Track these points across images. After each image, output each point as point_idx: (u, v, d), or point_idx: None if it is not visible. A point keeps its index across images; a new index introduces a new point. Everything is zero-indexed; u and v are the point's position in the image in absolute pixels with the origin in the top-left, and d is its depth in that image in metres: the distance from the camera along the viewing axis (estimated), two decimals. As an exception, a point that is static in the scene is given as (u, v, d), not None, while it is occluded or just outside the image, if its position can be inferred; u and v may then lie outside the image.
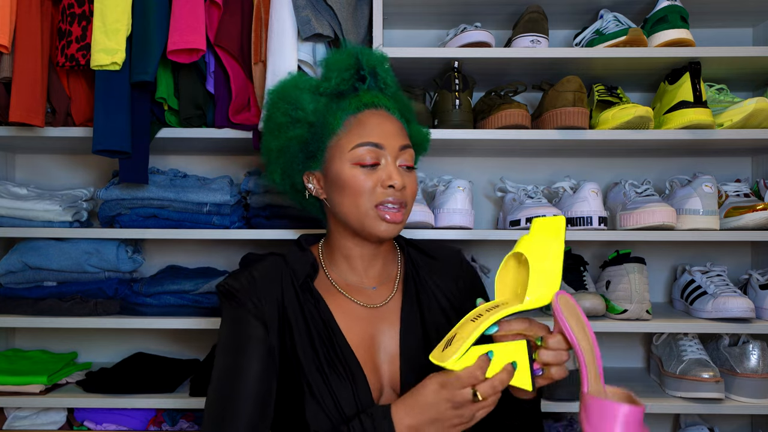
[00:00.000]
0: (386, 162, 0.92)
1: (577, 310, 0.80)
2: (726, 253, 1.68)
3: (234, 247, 1.66)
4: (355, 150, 0.92)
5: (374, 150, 0.92)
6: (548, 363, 0.79)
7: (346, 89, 0.96)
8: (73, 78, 1.39)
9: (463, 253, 1.11)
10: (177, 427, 1.48)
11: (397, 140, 0.94)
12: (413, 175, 0.97)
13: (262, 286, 0.93)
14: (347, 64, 0.96)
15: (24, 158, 1.69)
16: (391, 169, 0.92)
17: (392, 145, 0.93)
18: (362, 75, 0.96)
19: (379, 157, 0.92)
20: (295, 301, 0.94)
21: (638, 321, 1.39)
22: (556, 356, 0.78)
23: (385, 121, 0.95)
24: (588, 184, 1.43)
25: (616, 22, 1.42)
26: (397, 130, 0.95)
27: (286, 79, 1.03)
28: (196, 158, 1.68)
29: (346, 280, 1.00)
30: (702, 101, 1.35)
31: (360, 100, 0.95)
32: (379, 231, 0.92)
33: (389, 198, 0.92)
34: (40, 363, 1.52)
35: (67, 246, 1.43)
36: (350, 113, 0.95)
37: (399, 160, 0.94)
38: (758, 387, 1.37)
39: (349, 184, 0.92)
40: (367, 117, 0.94)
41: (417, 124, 1.08)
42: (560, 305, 0.78)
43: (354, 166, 0.92)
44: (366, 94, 0.96)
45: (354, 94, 0.96)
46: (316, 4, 1.32)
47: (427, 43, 1.69)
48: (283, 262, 0.98)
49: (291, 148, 0.99)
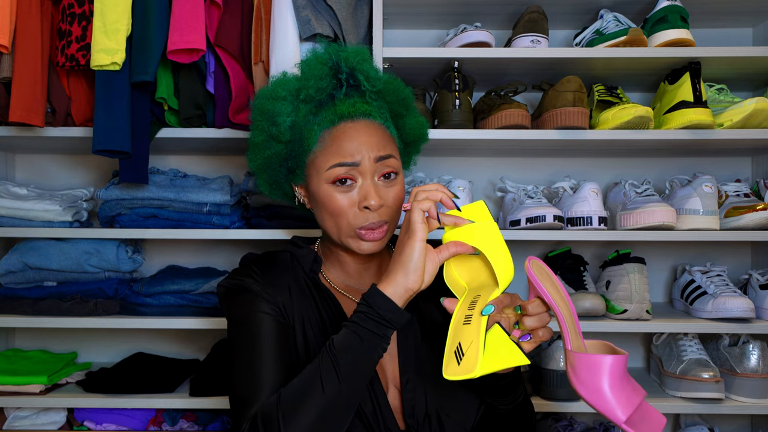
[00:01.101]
0: (362, 180, 0.89)
1: (548, 272, 0.84)
2: (726, 253, 1.68)
3: (234, 247, 1.66)
4: (331, 170, 0.89)
5: (350, 169, 0.89)
6: (534, 327, 0.81)
7: (323, 98, 0.93)
8: (73, 78, 1.39)
9: None
10: (177, 427, 1.48)
11: (374, 151, 0.89)
12: (396, 182, 0.92)
13: (270, 278, 0.93)
14: (322, 72, 0.92)
15: (24, 158, 1.69)
16: (367, 188, 0.89)
17: (369, 159, 0.89)
18: (340, 79, 0.92)
19: (355, 175, 0.89)
20: (307, 292, 0.95)
21: (638, 321, 1.39)
22: (539, 320, 0.81)
23: (361, 133, 0.90)
24: (588, 184, 1.43)
25: (616, 22, 1.42)
26: (375, 140, 0.90)
27: (265, 89, 0.98)
28: (196, 158, 1.68)
29: (344, 282, 1.00)
30: (702, 101, 1.35)
31: (335, 112, 0.91)
32: (360, 250, 0.91)
33: (367, 222, 0.89)
34: (40, 363, 1.52)
35: (67, 246, 1.43)
36: (325, 128, 0.91)
37: (377, 172, 0.90)
38: (758, 387, 1.36)
39: (326, 204, 0.91)
40: (341, 132, 0.90)
41: (415, 116, 1.04)
42: (533, 270, 0.81)
43: (330, 185, 0.90)
44: (343, 103, 0.92)
45: (331, 103, 0.92)
46: (316, 4, 1.33)
47: (427, 43, 1.69)
48: (289, 256, 0.99)
49: (272, 164, 0.98)
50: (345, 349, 0.79)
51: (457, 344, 0.77)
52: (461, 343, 0.77)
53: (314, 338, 0.92)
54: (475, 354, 0.74)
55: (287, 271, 0.96)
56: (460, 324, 0.79)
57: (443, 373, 0.76)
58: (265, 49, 1.33)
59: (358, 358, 0.80)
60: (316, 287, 0.96)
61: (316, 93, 0.92)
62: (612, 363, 0.74)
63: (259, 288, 0.91)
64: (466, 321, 0.79)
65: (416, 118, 1.04)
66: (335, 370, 0.78)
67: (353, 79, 0.93)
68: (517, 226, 1.41)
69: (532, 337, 0.82)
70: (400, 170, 0.94)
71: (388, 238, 0.93)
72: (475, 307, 0.80)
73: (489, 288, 0.82)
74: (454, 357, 0.77)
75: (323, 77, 0.92)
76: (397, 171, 0.93)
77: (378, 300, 0.80)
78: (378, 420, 0.88)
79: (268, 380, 0.84)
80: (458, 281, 0.87)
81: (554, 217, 1.37)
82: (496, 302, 0.79)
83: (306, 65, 0.95)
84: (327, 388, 0.78)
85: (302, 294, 0.95)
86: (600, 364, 0.75)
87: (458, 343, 0.77)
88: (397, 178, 0.93)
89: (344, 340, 0.80)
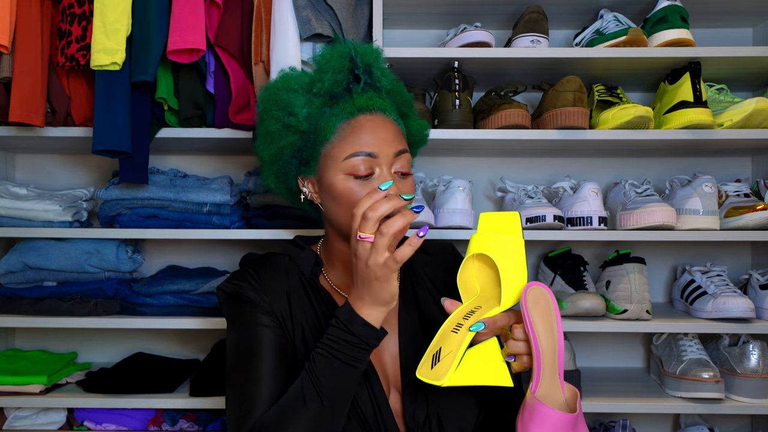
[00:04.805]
0: (380, 172, 0.88)
1: (547, 305, 0.79)
2: (726, 253, 1.68)
3: (234, 247, 1.67)
4: (348, 160, 0.88)
5: (368, 160, 0.88)
6: (517, 353, 0.79)
7: (339, 91, 0.92)
8: (73, 78, 1.39)
9: (454, 247, 1.12)
10: (177, 427, 1.48)
11: (392, 146, 0.89)
12: (410, 181, 0.93)
13: (268, 283, 0.93)
14: (340, 64, 0.91)
15: (24, 158, 1.69)
16: (385, 177, 0.88)
17: (387, 153, 0.88)
18: (357, 74, 0.92)
19: (373, 166, 0.88)
20: (305, 298, 0.94)
21: (638, 321, 1.39)
22: (523, 346, 0.79)
23: (380, 126, 0.90)
24: (588, 184, 1.43)
25: (616, 22, 1.42)
26: (392, 135, 0.90)
27: (276, 80, 0.98)
28: (196, 158, 1.68)
29: (345, 283, 0.99)
30: (702, 101, 1.35)
31: (354, 104, 0.90)
32: None
33: None
34: (40, 363, 1.52)
35: (67, 246, 1.43)
36: (343, 119, 0.90)
37: (394, 167, 0.90)
38: (758, 387, 1.37)
39: (342, 196, 0.89)
40: (360, 123, 0.89)
41: (416, 118, 1.04)
42: (528, 299, 0.77)
43: (347, 176, 0.88)
44: (360, 96, 0.91)
45: (348, 96, 0.92)
46: (316, 4, 1.33)
47: (427, 43, 1.69)
48: (288, 259, 0.98)
49: (284, 155, 0.96)
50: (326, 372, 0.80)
51: (438, 348, 0.77)
52: (442, 348, 0.76)
53: (313, 343, 0.91)
54: (448, 365, 0.73)
55: (286, 276, 0.95)
56: (449, 329, 0.78)
57: (416, 371, 0.76)
58: (266, 49, 1.33)
59: (340, 379, 0.80)
60: (315, 290, 0.96)
61: (332, 86, 0.91)
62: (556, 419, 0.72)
63: (257, 296, 0.91)
64: (455, 329, 0.77)
65: (418, 121, 1.05)
66: (317, 391, 0.80)
67: (369, 76, 0.93)
68: (517, 226, 1.41)
69: (516, 360, 0.79)
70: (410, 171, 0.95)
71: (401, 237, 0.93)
72: (470, 318, 0.78)
73: (494, 303, 0.80)
74: (430, 359, 0.76)
75: (341, 70, 0.91)
76: (409, 171, 0.93)
77: (359, 328, 0.80)
78: (378, 424, 0.87)
79: (264, 397, 0.84)
80: (473, 283, 0.85)
81: (554, 217, 1.37)
82: (490, 321, 0.77)
83: (323, 58, 0.94)
84: (311, 407, 0.79)
85: (301, 299, 0.94)
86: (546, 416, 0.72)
87: (439, 348, 0.77)
88: (410, 176, 0.93)
89: (325, 364, 0.80)
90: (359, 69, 0.91)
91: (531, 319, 0.76)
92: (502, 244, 0.79)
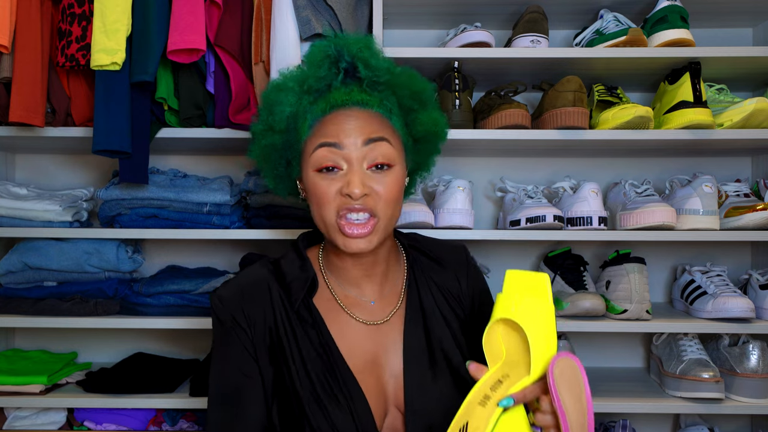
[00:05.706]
0: (348, 166, 0.83)
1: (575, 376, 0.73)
2: (726, 253, 1.68)
3: (234, 247, 1.67)
4: (314, 153, 0.84)
5: (332, 150, 0.83)
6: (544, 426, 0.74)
7: (321, 87, 0.89)
8: (73, 78, 1.39)
9: (467, 250, 1.06)
10: (177, 427, 1.48)
11: (361, 135, 0.83)
12: (390, 174, 0.85)
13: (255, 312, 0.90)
14: (320, 59, 0.88)
15: (24, 158, 1.69)
16: (352, 175, 0.82)
17: (353, 143, 0.83)
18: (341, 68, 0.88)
19: (338, 159, 0.83)
20: (287, 325, 0.89)
21: (638, 321, 1.39)
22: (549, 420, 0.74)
23: (351, 118, 0.85)
24: (588, 184, 1.43)
25: (616, 22, 1.42)
26: (362, 123, 0.84)
27: (276, 79, 0.95)
28: (196, 158, 1.68)
29: (346, 292, 0.94)
30: (702, 101, 1.35)
31: (328, 102, 0.87)
32: (345, 247, 0.84)
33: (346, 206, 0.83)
34: (40, 363, 1.52)
35: (67, 246, 1.43)
36: (316, 117, 0.87)
37: (367, 160, 0.84)
38: (758, 387, 1.37)
39: (312, 192, 0.86)
40: (331, 118, 0.86)
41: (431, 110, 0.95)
42: (555, 371, 0.72)
43: (315, 172, 0.85)
44: (337, 92, 0.88)
45: (327, 92, 0.89)
46: (317, 4, 1.33)
47: (427, 43, 1.69)
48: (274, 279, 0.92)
49: (271, 155, 0.95)
50: None
51: (464, 422, 0.73)
52: (469, 422, 0.73)
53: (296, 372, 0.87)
54: None
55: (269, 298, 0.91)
56: (476, 402, 0.74)
57: None
58: (266, 49, 1.33)
59: None
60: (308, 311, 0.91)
61: (315, 82, 0.89)
62: None
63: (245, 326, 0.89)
64: (483, 402, 0.73)
65: (430, 114, 0.95)
66: None
67: (353, 70, 0.90)
68: (517, 226, 1.41)
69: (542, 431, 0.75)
70: (398, 164, 0.87)
71: (381, 237, 0.86)
72: (497, 390, 0.74)
73: (522, 370, 0.76)
74: None
75: (321, 65, 0.89)
76: (392, 163, 0.86)
77: None
78: None
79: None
80: (500, 346, 0.79)
81: (554, 217, 1.37)
82: (519, 395, 0.73)
83: (307, 55, 0.92)
84: None
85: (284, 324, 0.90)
86: None
87: (466, 422, 0.73)
88: (392, 170, 0.86)
89: None
90: (343, 62, 0.88)
91: (559, 394, 0.71)
92: (532, 310, 0.75)
